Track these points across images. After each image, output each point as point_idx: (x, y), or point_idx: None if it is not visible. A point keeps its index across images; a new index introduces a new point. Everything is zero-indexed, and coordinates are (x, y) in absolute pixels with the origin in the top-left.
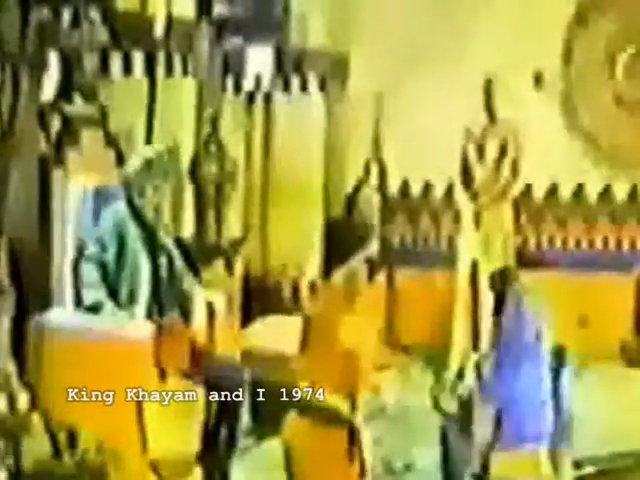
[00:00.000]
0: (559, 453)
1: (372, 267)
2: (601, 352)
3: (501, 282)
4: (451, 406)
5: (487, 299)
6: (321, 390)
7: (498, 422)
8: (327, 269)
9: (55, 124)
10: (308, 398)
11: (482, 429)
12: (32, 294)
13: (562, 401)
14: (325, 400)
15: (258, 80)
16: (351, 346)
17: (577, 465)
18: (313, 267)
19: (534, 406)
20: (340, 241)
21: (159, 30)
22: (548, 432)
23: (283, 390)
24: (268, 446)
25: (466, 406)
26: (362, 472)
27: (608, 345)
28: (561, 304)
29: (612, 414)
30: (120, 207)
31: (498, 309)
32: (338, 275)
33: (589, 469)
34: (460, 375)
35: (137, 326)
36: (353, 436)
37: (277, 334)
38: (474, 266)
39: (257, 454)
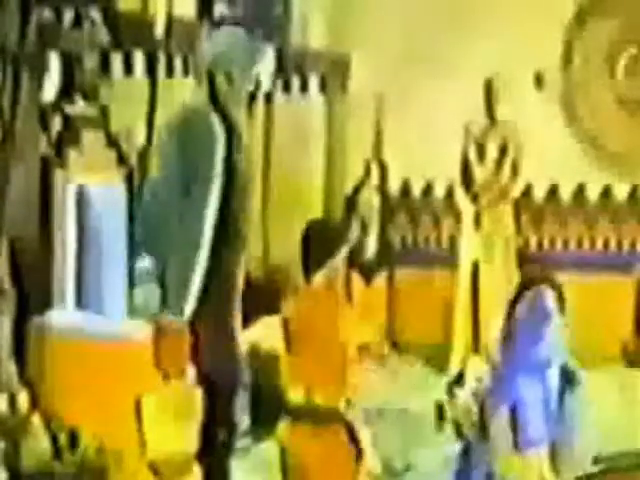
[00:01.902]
0: (563, 455)
1: (369, 270)
2: (601, 353)
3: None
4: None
5: (501, 300)
6: (313, 391)
7: (514, 422)
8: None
9: (56, 124)
10: (301, 402)
11: (499, 431)
12: (33, 294)
13: (567, 403)
14: (319, 400)
15: (258, 80)
16: (340, 345)
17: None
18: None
19: (540, 409)
20: (319, 241)
21: (160, 30)
22: (553, 434)
23: (282, 390)
24: (267, 446)
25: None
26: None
27: (608, 346)
28: None
29: (613, 414)
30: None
31: (512, 310)
32: (319, 277)
33: (590, 469)
34: (459, 380)
35: (137, 326)
36: (353, 434)
37: (277, 335)
38: (475, 266)
39: (256, 454)
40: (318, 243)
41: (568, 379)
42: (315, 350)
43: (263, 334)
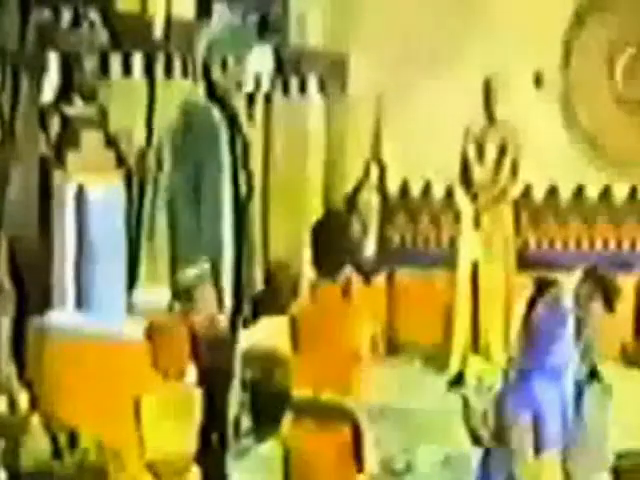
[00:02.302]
0: (574, 457)
1: (369, 270)
2: (601, 353)
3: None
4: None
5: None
6: (319, 390)
7: (535, 427)
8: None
9: (55, 125)
10: (306, 398)
11: (520, 436)
12: (32, 294)
13: (585, 405)
14: (325, 398)
15: (257, 80)
16: (346, 345)
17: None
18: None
19: (558, 412)
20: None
21: (159, 31)
22: (567, 437)
23: (283, 390)
24: (268, 447)
25: (497, 412)
26: (361, 469)
27: (608, 346)
28: None
29: (613, 414)
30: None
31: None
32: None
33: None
34: (458, 380)
35: (137, 326)
36: (357, 432)
37: (277, 334)
38: (474, 266)
39: (257, 455)
40: (326, 247)
41: (590, 377)
42: (320, 349)
43: (267, 334)
